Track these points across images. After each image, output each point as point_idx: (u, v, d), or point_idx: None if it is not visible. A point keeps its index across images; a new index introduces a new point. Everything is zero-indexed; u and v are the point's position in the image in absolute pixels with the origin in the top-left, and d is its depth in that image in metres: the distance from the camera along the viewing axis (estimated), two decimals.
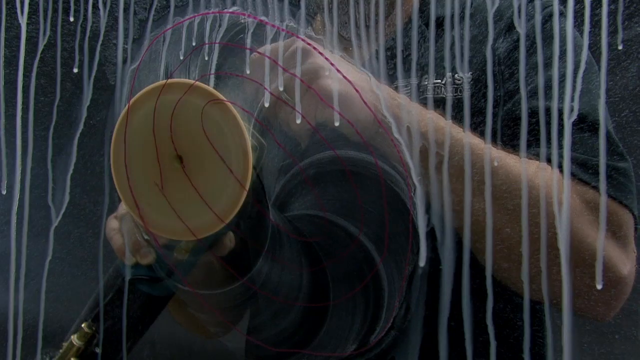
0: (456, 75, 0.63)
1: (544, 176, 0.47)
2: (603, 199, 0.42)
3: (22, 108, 0.48)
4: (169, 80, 0.49)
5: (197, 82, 0.48)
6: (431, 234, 0.44)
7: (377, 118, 0.52)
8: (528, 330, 0.41)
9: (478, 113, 0.53)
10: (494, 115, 0.63)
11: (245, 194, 0.49)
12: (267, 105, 0.50)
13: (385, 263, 0.60)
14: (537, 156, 0.50)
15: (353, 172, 0.59)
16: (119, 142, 0.50)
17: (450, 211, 0.43)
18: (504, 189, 0.52)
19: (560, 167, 0.41)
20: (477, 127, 0.52)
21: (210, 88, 0.49)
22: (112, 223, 0.60)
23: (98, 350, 0.58)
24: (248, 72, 0.52)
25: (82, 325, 0.58)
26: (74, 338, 0.58)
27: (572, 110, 0.40)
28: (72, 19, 0.51)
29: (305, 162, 0.63)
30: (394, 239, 0.58)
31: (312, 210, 0.64)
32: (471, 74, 0.65)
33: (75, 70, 0.50)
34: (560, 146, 0.40)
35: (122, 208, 0.59)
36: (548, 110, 0.48)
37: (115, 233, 0.59)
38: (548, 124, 0.42)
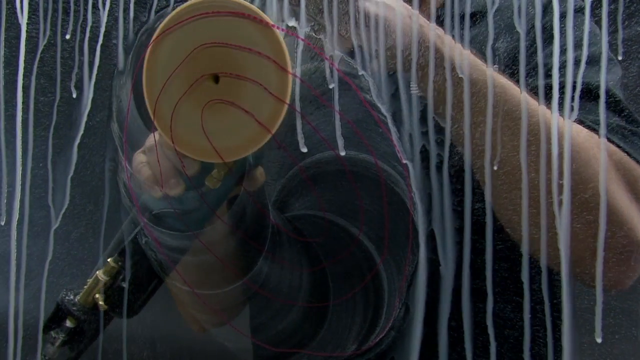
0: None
1: (543, 111, 0.46)
2: (603, 198, 0.43)
3: (22, 108, 0.48)
4: None
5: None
6: (431, 235, 0.44)
7: (376, 117, 0.52)
8: (528, 330, 0.41)
9: (479, 112, 0.53)
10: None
11: (286, 107, 0.47)
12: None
13: (385, 263, 0.60)
14: None
15: (353, 172, 0.59)
16: (152, 62, 0.48)
17: (451, 212, 0.43)
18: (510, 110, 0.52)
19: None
20: (478, 127, 0.52)
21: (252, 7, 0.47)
22: (140, 157, 0.57)
23: (125, 285, 0.57)
24: None
25: (108, 260, 0.57)
26: (100, 273, 0.57)
27: (572, 110, 0.40)
28: (68, 37, 0.50)
29: (305, 162, 0.63)
30: (394, 239, 0.58)
31: (312, 210, 0.64)
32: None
33: (74, 95, 0.50)
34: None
35: (149, 141, 0.56)
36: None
37: (143, 165, 0.56)
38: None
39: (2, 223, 0.48)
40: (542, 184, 0.41)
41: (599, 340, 0.39)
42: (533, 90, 0.55)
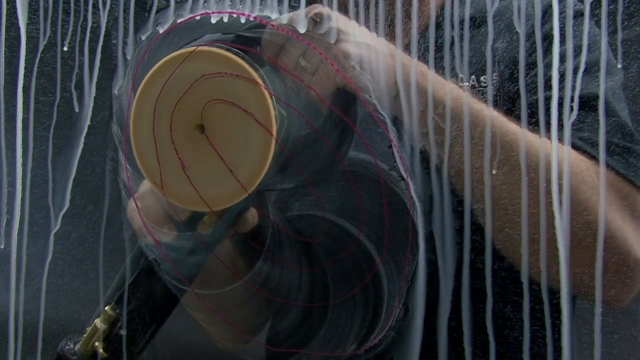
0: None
1: (543, 143, 0.46)
2: (602, 199, 0.43)
3: (23, 108, 0.48)
4: (196, 48, 0.48)
5: (225, 52, 0.47)
6: (431, 235, 0.44)
7: (375, 117, 0.52)
8: (528, 330, 0.41)
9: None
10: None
11: (268, 164, 0.48)
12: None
13: (385, 263, 0.60)
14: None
15: (353, 172, 0.59)
16: (140, 112, 0.49)
17: (451, 212, 0.43)
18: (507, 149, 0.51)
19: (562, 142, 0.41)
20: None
21: (234, 57, 0.48)
22: (133, 204, 0.58)
23: (123, 332, 0.56)
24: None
25: (106, 308, 0.57)
26: (98, 322, 0.57)
27: (572, 110, 0.40)
28: (65, 48, 0.51)
29: None
30: (393, 239, 0.58)
31: (312, 210, 0.64)
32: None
33: (77, 109, 0.50)
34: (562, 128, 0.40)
35: (143, 187, 0.57)
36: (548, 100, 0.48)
37: (136, 213, 0.57)
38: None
39: (2, 246, 0.49)
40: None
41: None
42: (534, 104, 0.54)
